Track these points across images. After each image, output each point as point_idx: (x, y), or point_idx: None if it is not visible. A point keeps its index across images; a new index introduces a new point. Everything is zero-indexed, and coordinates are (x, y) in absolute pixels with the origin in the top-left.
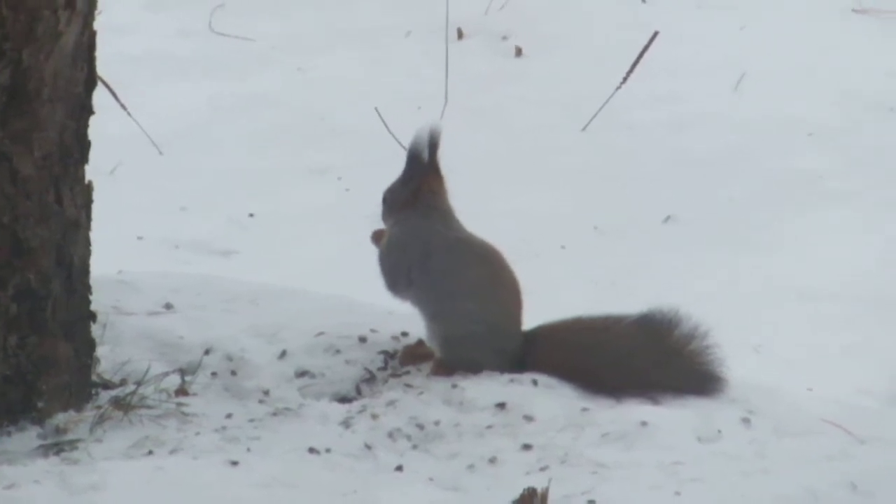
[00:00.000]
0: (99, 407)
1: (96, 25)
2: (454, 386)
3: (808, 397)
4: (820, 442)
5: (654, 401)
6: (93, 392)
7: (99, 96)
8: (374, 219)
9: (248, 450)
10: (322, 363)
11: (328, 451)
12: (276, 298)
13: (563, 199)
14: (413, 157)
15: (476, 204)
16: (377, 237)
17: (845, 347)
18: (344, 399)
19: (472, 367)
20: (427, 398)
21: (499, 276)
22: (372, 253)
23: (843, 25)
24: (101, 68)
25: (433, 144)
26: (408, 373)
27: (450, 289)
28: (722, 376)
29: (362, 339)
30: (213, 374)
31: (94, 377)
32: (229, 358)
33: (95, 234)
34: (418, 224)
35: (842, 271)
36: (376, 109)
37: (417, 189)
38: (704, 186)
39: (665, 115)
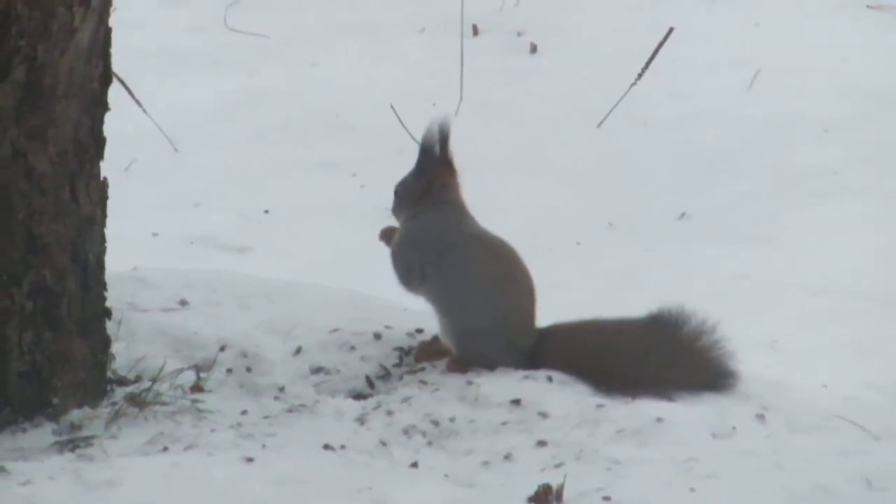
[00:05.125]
0: (114, 403)
1: (111, 22)
2: (469, 382)
3: (822, 393)
4: (834, 438)
5: (669, 397)
6: (108, 388)
7: (114, 93)
8: (385, 212)
9: (264, 446)
10: (337, 360)
11: (343, 447)
12: (290, 294)
13: (578, 196)
14: (425, 151)
15: (490, 200)
16: (386, 235)
17: (856, 342)
18: (359, 396)
19: (485, 362)
20: (442, 395)
21: (512, 272)
22: (385, 248)
23: (857, 21)
24: (116, 64)
25: (444, 138)
26: (423, 369)
27: (463, 284)
28: (734, 370)
29: (377, 336)
30: (229, 370)
31: (109, 374)
32: (244, 354)
33: (110, 231)
34: (432, 219)
35: (854, 266)
36: (391, 105)
37: (430, 183)
38: (718, 183)
39: (679, 112)
